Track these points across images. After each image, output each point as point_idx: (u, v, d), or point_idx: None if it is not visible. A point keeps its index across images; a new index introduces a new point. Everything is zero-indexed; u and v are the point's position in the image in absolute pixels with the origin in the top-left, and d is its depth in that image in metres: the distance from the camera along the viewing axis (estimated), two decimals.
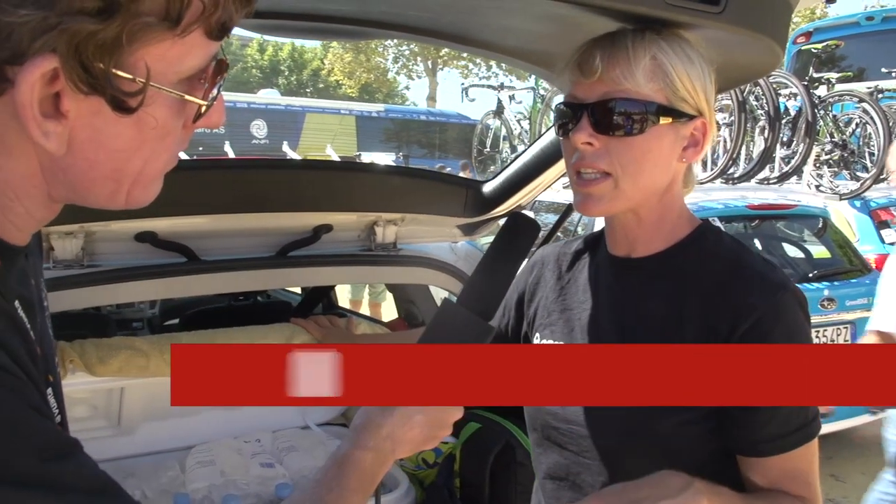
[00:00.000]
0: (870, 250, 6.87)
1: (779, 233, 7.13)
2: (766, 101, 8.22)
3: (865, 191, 7.84)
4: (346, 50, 33.06)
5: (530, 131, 12.14)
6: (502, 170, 2.60)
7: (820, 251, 6.80)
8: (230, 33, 0.87)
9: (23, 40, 0.74)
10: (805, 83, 8.54)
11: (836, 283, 6.13)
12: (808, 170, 8.49)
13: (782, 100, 8.55)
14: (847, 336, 5.99)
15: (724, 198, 6.74)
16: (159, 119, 0.84)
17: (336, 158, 12.40)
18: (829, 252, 6.72)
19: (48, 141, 0.79)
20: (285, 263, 2.47)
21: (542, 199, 6.29)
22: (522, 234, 1.51)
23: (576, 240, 1.69)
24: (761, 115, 8.36)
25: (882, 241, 7.10)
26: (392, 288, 3.71)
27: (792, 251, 6.96)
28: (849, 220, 7.40)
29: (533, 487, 1.70)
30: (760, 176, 8.48)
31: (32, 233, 0.94)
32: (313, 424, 2.80)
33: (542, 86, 11.91)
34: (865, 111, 8.36)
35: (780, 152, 8.54)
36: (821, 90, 8.82)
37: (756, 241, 6.62)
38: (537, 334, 1.63)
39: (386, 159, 14.38)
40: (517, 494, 2.40)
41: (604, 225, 1.57)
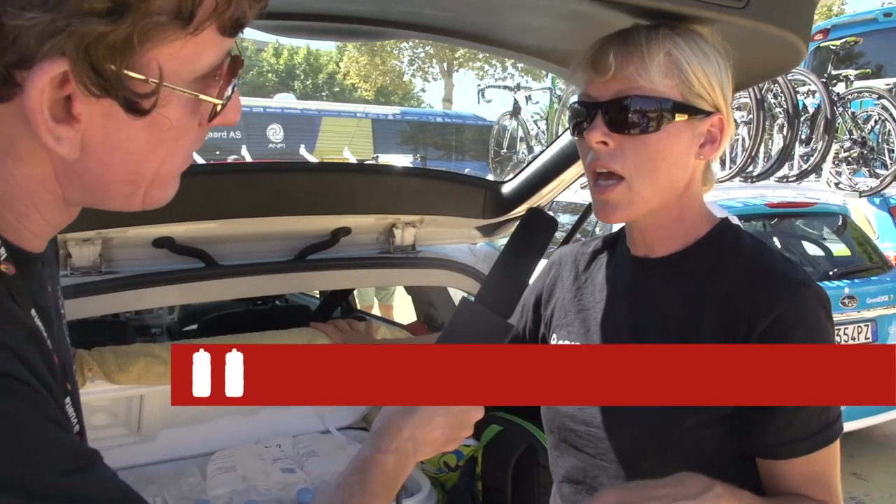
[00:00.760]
0: (890, 247, 6.81)
1: (798, 231, 7.10)
2: (784, 98, 8.16)
3: (885, 188, 7.78)
4: (362, 53, 33.07)
5: (547, 132, 12.11)
6: (521, 170, 2.58)
7: (840, 249, 6.77)
8: (244, 29, 0.85)
9: (30, 44, 0.72)
10: (823, 80, 8.47)
11: (857, 280, 6.09)
12: (828, 167, 8.43)
13: (801, 97, 8.49)
14: (868, 334, 5.94)
15: (742, 196, 6.73)
16: (174, 119, 0.83)
17: (353, 161, 12.41)
18: (849, 250, 6.69)
19: (60, 146, 0.78)
20: (304, 267, 2.47)
21: (560, 200, 6.27)
22: (540, 230, 1.49)
23: (594, 240, 1.67)
24: (780, 112, 8.31)
25: None
26: (411, 290, 3.70)
27: (812, 249, 6.92)
28: (868, 217, 7.35)
29: (551, 491, 1.69)
30: (779, 174, 8.43)
31: (48, 239, 0.93)
32: (334, 429, 2.80)
33: (559, 86, 11.89)
34: (884, 108, 8.29)
35: (798, 150, 8.49)
36: (839, 87, 8.75)
37: (775, 239, 6.60)
38: (554, 335, 1.62)
39: (403, 161, 14.36)
40: (540, 497, 2.38)
41: (622, 225, 1.55)
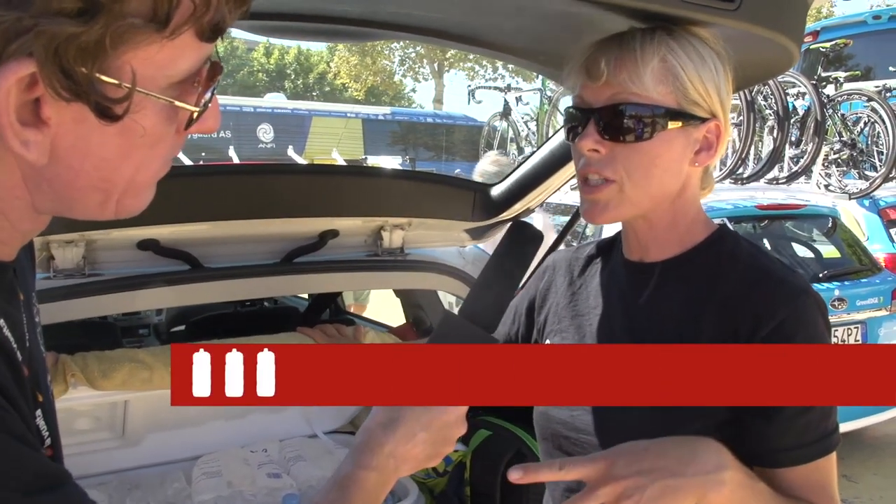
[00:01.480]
0: (879, 249, 6.85)
1: (788, 233, 7.11)
2: (774, 100, 8.20)
3: (874, 190, 7.82)
4: (353, 53, 33.03)
5: (537, 133, 12.11)
6: (511, 172, 2.56)
7: (830, 251, 6.79)
8: (223, 35, 0.82)
9: None
10: (813, 82, 8.51)
11: (847, 282, 6.12)
12: (817, 169, 8.47)
13: (791, 99, 8.53)
14: (858, 336, 5.96)
15: (732, 198, 6.74)
16: (148, 126, 0.80)
17: (341, 162, 12.38)
18: (838, 252, 6.72)
19: (28, 150, 0.75)
20: (291, 270, 2.44)
21: (551, 202, 6.27)
22: (526, 244, 1.48)
23: (588, 244, 1.65)
24: (770, 114, 8.35)
25: (892, 240, 7.07)
26: (399, 293, 3.68)
27: (802, 251, 6.93)
28: (858, 219, 7.38)
29: (543, 499, 1.67)
30: (769, 176, 8.47)
31: (19, 247, 0.90)
32: (321, 433, 2.78)
33: (550, 87, 11.89)
34: (874, 110, 8.34)
35: (788, 152, 8.53)
36: (829, 89, 8.81)
37: (765, 241, 6.59)
38: (547, 340, 1.59)
39: (392, 162, 14.32)
40: (530, 503, 2.36)
41: (619, 229, 1.53)
